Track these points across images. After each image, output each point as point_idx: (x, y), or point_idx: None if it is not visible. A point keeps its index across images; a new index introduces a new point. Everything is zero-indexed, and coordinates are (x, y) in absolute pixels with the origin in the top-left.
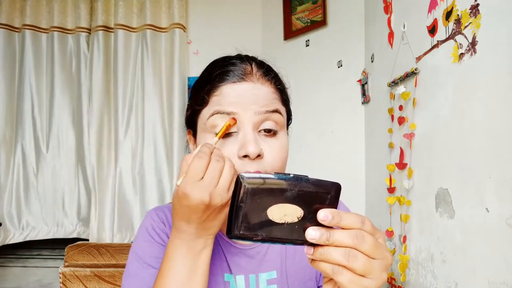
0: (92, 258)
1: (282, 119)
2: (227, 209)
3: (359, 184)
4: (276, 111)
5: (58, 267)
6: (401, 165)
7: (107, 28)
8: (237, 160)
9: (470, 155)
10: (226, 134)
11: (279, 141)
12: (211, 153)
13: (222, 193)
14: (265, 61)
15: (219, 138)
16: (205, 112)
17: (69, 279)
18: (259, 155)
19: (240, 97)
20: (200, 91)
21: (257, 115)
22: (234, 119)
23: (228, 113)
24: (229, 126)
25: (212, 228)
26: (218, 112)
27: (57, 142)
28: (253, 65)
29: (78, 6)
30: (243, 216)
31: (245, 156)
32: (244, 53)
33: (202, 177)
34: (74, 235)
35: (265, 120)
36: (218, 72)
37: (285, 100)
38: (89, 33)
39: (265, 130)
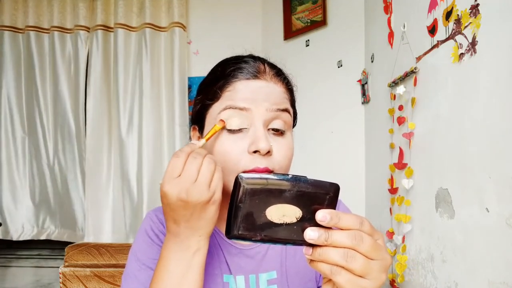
0: (92, 258)
1: (290, 119)
2: (211, 208)
3: (359, 184)
4: (286, 110)
5: (58, 267)
6: (401, 165)
7: (106, 28)
8: (247, 155)
9: (470, 155)
10: (236, 130)
11: (287, 140)
12: (191, 151)
13: (201, 189)
14: (275, 64)
15: (206, 140)
16: (216, 107)
17: (69, 279)
18: (268, 152)
19: (253, 94)
20: (212, 86)
21: (268, 112)
22: (223, 121)
23: (240, 108)
24: (217, 129)
25: (201, 229)
26: (230, 107)
27: (62, 141)
28: (265, 65)
29: (77, 5)
30: (242, 217)
31: (255, 151)
32: (244, 53)
33: (180, 175)
34: (84, 240)
35: (275, 118)
36: (232, 68)
37: (293, 102)
38: (88, 32)
39: (273, 129)
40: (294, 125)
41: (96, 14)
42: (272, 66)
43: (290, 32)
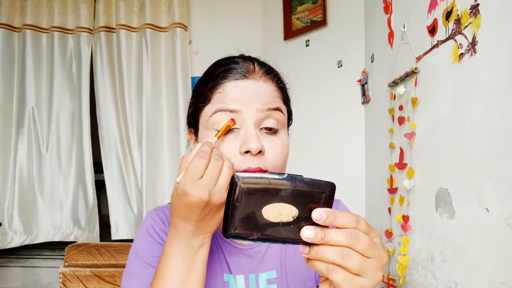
0: (92, 258)
1: (284, 117)
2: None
3: (359, 184)
4: (277, 109)
5: (58, 267)
6: (401, 165)
7: (109, 29)
8: (238, 156)
9: (470, 155)
10: (228, 131)
11: (280, 139)
12: (211, 152)
13: (221, 192)
14: (266, 62)
15: (218, 138)
16: (208, 110)
17: (69, 279)
18: (260, 151)
19: (243, 94)
20: (203, 88)
21: (259, 112)
22: (233, 120)
23: (231, 110)
24: (228, 127)
25: (209, 227)
26: (221, 110)
27: (57, 143)
28: (255, 64)
29: (79, 6)
30: (239, 216)
31: (247, 152)
32: (244, 53)
33: (202, 176)
34: (71, 239)
35: (267, 118)
36: (221, 69)
37: (286, 100)
38: (90, 33)
39: (266, 128)
40: (290, 124)
41: (98, 15)
42: (262, 65)
43: (290, 32)
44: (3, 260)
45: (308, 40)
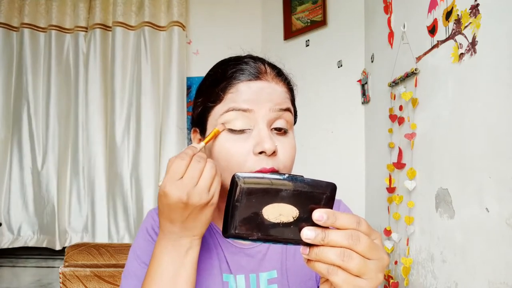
0: (92, 258)
1: (292, 118)
2: (208, 210)
3: (359, 184)
4: (288, 109)
5: (58, 267)
6: (399, 165)
7: (105, 26)
8: (252, 156)
9: (470, 155)
10: (240, 131)
11: (289, 140)
12: (194, 154)
13: (201, 193)
14: (275, 64)
15: (206, 143)
16: (219, 109)
17: (69, 279)
18: (274, 152)
19: (256, 94)
20: (214, 88)
21: (271, 112)
22: (223, 124)
23: (243, 109)
24: (217, 133)
25: (194, 229)
26: (233, 109)
27: (54, 143)
28: (266, 65)
29: (77, 5)
30: (239, 216)
31: (261, 152)
32: (242, 53)
33: (182, 177)
34: (70, 242)
35: (278, 118)
36: (233, 70)
37: (293, 101)
38: (86, 32)
39: (276, 129)
40: (294, 123)
41: (94, 13)
42: (273, 67)
43: (290, 32)
44: (2, 260)
45: (308, 40)
